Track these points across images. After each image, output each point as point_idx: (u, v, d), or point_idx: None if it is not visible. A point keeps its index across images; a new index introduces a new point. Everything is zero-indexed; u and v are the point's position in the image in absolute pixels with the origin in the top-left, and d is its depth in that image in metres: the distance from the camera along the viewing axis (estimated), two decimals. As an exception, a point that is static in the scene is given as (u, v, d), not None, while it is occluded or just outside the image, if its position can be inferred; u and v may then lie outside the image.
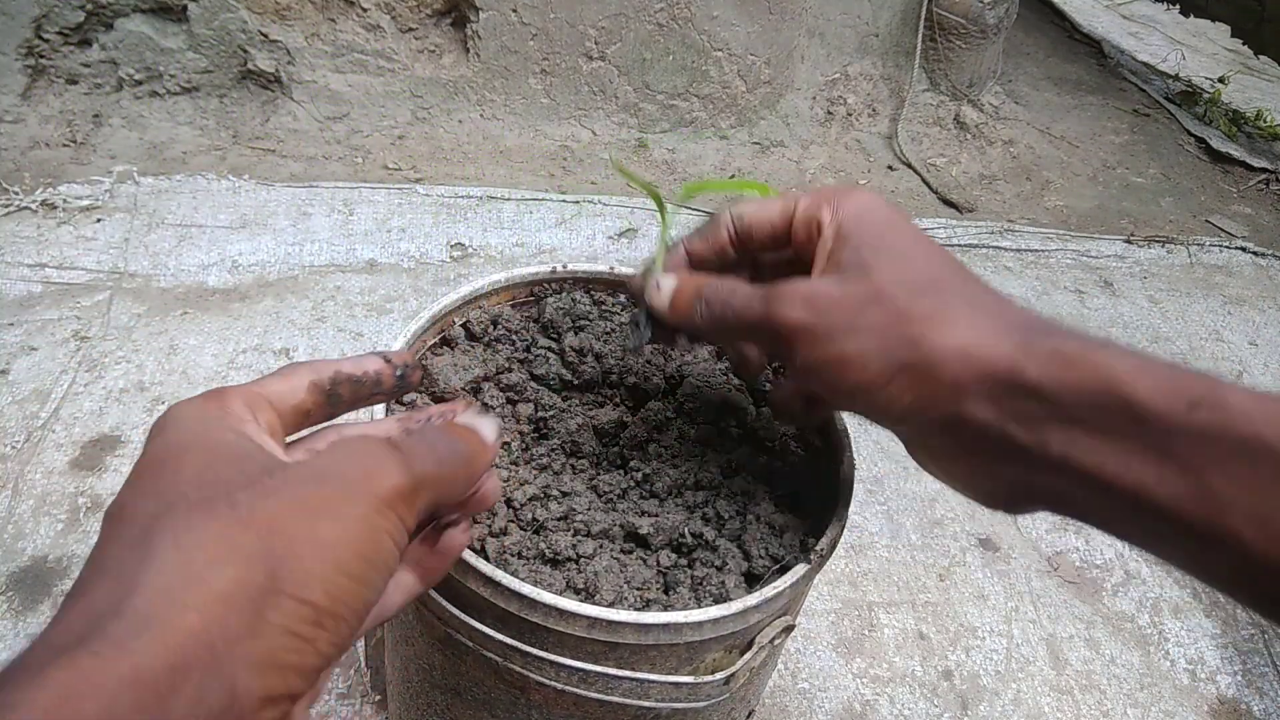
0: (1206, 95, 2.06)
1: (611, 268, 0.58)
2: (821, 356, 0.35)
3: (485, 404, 0.50)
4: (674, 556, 0.43)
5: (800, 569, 0.41)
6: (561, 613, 0.37)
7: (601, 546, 0.43)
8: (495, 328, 0.55)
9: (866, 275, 0.35)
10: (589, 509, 0.44)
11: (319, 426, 0.34)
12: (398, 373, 0.35)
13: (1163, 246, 1.49)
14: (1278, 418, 0.28)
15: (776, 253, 0.41)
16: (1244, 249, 1.51)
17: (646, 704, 0.40)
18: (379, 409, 0.43)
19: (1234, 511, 0.29)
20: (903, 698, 0.74)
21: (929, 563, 0.86)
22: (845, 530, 0.44)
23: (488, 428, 0.33)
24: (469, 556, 0.36)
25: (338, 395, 0.33)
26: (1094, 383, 0.30)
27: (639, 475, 0.47)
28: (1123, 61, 2.20)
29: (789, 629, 0.44)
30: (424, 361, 0.53)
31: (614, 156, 0.52)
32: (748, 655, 0.42)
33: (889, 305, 0.34)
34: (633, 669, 0.39)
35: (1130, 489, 0.30)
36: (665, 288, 0.41)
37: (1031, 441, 0.32)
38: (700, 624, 0.38)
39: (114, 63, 1.28)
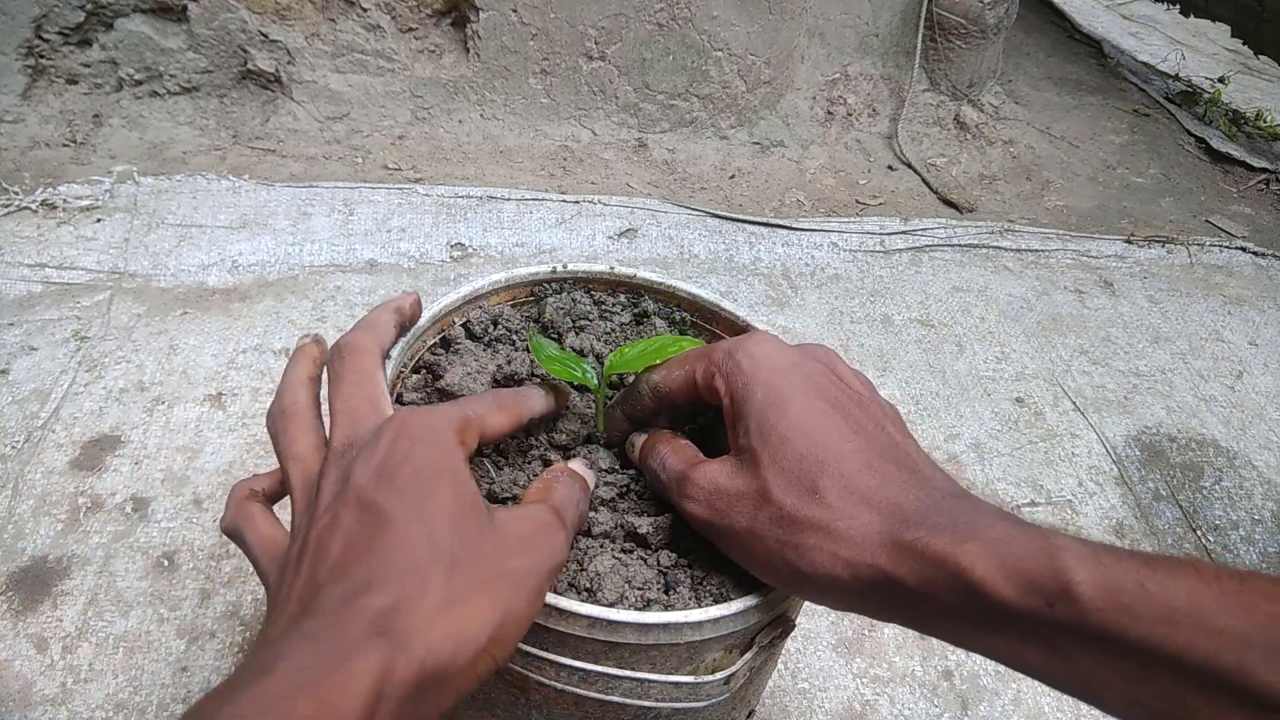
0: (1206, 95, 2.06)
1: (611, 268, 0.58)
2: (715, 540, 0.40)
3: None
4: (674, 556, 0.43)
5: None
6: (562, 612, 0.37)
7: (603, 547, 0.43)
8: (495, 328, 0.55)
9: (756, 468, 0.37)
10: (591, 509, 0.44)
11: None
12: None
13: (1163, 246, 1.49)
14: (1130, 604, 0.29)
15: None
16: (1244, 249, 1.51)
17: (646, 703, 0.41)
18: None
19: (1114, 697, 0.30)
20: (903, 698, 0.74)
21: (929, 563, 0.86)
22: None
23: (590, 476, 0.43)
24: None
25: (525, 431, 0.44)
26: (959, 586, 0.32)
27: (638, 474, 0.47)
28: (1123, 61, 2.20)
29: (789, 629, 0.44)
30: (429, 363, 0.53)
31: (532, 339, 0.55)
32: (748, 655, 0.42)
33: (773, 512, 0.37)
34: (633, 669, 0.39)
35: (1017, 663, 0.33)
36: (636, 443, 0.46)
37: (913, 621, 0.35)
38: (700, 624, 0.38)
39: (114, 63, 1.28)
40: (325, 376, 0.43)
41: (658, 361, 0.45)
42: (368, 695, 0.27)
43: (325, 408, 0.42)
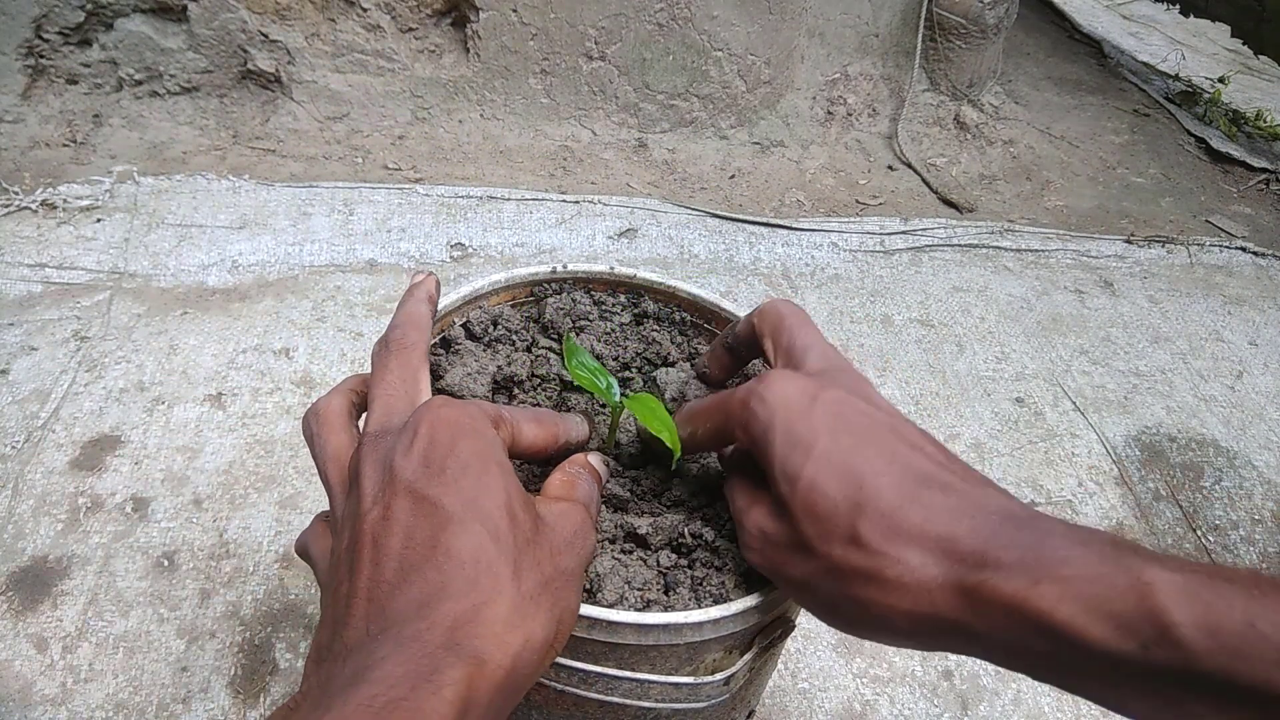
0: (1206, 95, 2.06)
1: (611, 268, 0.58)
2: (783, 590, 0.39)
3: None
4: (674, 557, 0.43)
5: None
6: (561, 613, 0.37)
7: (603, 548, 0.43)
8: (495, 328, 0.55)
9: (793, 519, 0.35)
10: None
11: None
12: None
13: (1163, 246, 1.49)
14: (1239, 646, 0.26)
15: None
16: (1244, 249, 1.51)
17: (646, 704, 0.40)
18: None
19: None
20: (903, 698, 0.74)
21: (929, 563, 0.86)
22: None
23: (604, 471, 0.43)
24: None
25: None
26: (1041, 631, 0.29)
27: (638, 474, 0.47)
28: (1123, 61, 2.20)
29: (789, 629, 0.44)
30: (429, 363, 0.53)
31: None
32: (747, 655, 0.42)
33: (820, 564, 0.34)
34: (633, 669, 0.39)
35: (1120, 709, 0.30)
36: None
37: (999, 661, 0.32)
38: (700, 624, 0.38)
39: (114, 63, 1.28)
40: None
41: (657, 424, 0.42)
42: (456, 707, 0.27)
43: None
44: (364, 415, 0.40)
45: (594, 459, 0.41)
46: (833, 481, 0.34)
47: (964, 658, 0.78)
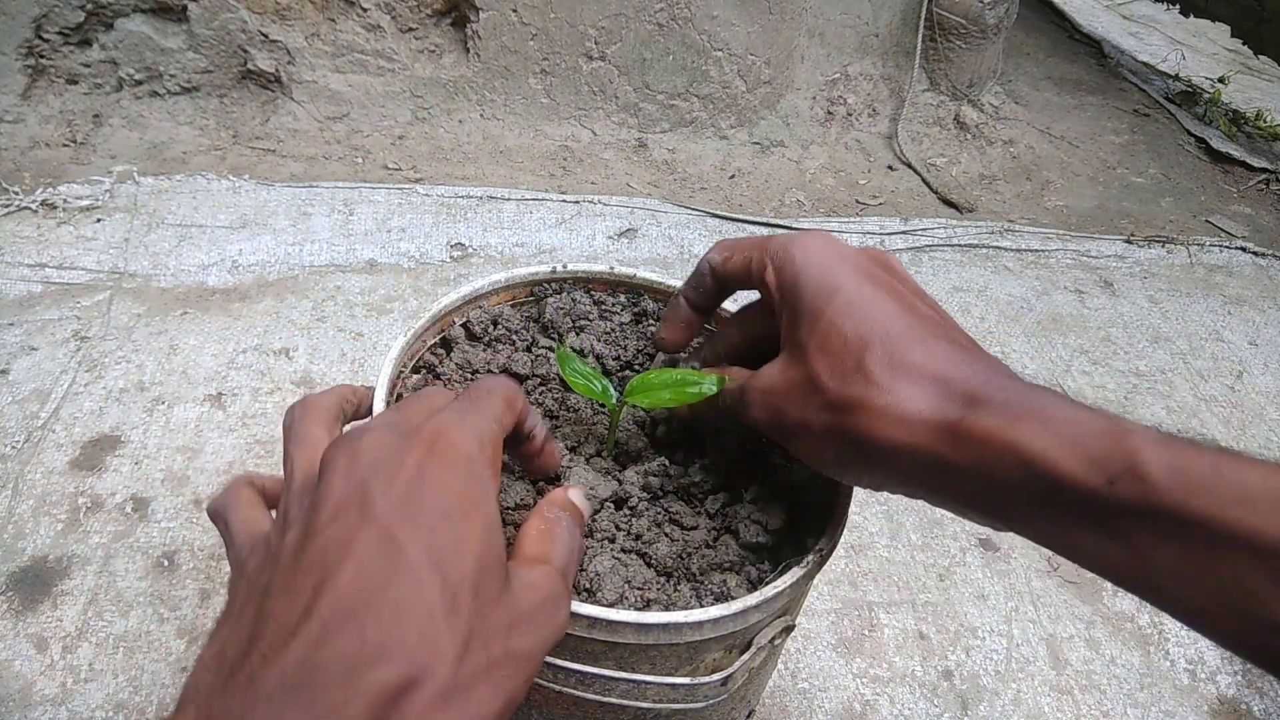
0: (1206, 95, 2.06)
1: (611, 268, 0.58)
2: (782, 440, 0.40)
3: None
4: (674, 556, 0.43)
5: (800, 569, 0.41)
6: (561, 613, 0.37)
7: (603, 547, 0.43)
8: (495, 328, 0.55)
9: (804, 357, 0.37)
10: (593, 513, 0.44)
11: None
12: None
13: (1163, 246, 1.49)
14: (1201, 486, 0.27)
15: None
16: (1244, 249, 1.51)
17: (644, 704, 0.41)
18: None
19: (1170, 583, 0.29)
20: (903, 698, 0.74)
21: (929, 563, 0.86)
22: (845, 530, 0.44)
23: (588, 509, 0.39)
24: None
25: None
26: (1015, 464, 0.31)
27: (638, 474, 0.47)
28: (1123, 61, 2.20)
29: (789, 629, 0.44)
30: (429, 363, 0.53)
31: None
32: (746, 655, 0.42)
33: (821, 399, 0.36)
34: (632, 669, 0.39)
35: (1069, 549, 0.32)
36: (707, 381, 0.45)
37: (963, 502, 0.34)
38: (700, 624, 0.38)
39: (114, 63, 1.28)
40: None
41: (669, 397, 0.44)
42: None
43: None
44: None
45: (575, 496, 0.38)
46: (850, 322, 0.36)
47: (963, 658, 0.78)
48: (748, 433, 0.49)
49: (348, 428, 0.37)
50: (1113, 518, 0.29)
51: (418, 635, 0.26)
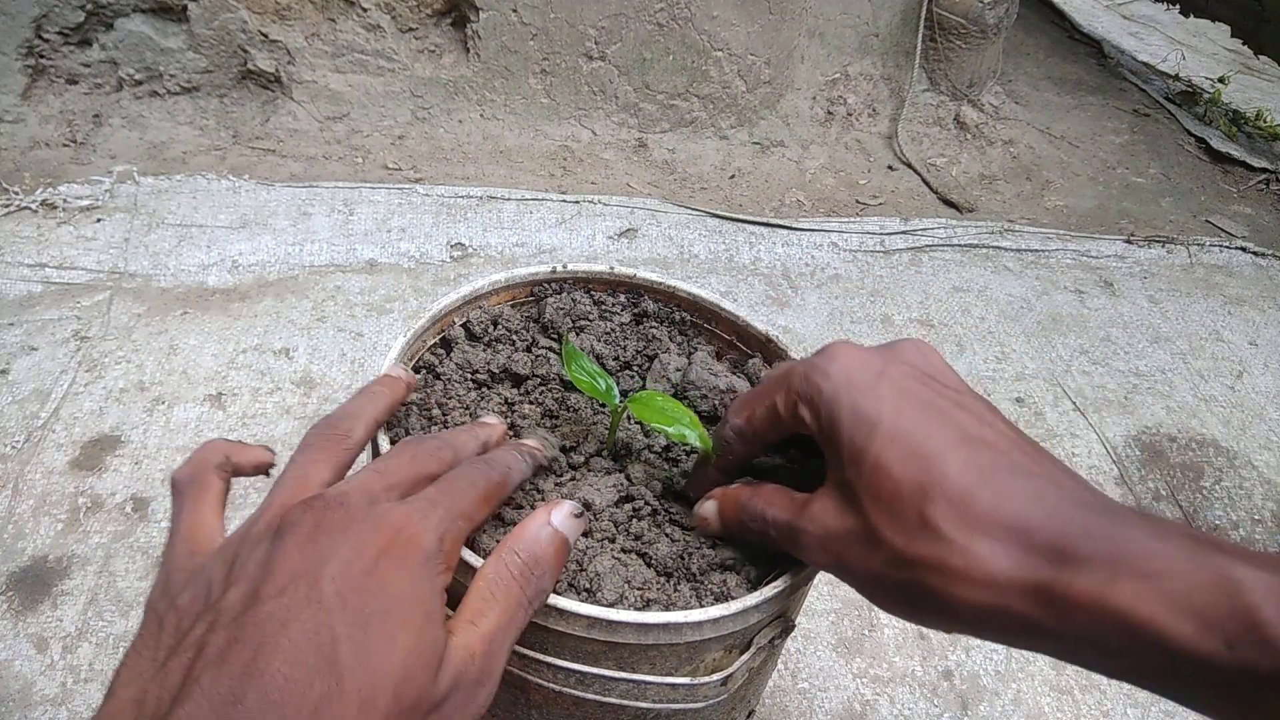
0: (1206, 95, 2.06)
1: (611, 268, 0.58)
2: (849, 583, 0.36)
3: (486, 404, 0.50)
4: (674, 556, 0.43)
5: (800, 569, 0.41)
6: (562, 613, 0.37)
7: (603, 547, 0.43)
8: (495, 328, 0.55)
9: (857, 504, 0.33)
10: (593, 515, 0.44)
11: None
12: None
13: (1163, 246, 1.49)
14: None
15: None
16: (1244, 249, 1.51)
17: (644, 705, 0.40)
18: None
19: None
20: (903, 698, 0.74)
21: (929, 563, 0.86)
22: (845, 530, 0.44)
23: (579, 526, 0.39)
24: (469, 557, 0.36)
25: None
26: (1119, 629, 0.27)
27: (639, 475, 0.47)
28: (1123, 61, 2.20)
29: (789, 629, 0.44)
30: (429, 363, 0.53)
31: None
32: (746, 655, 0.42)
33: (887, 554, 0.32)
34: (632, 669, 0.39)
35: (1185, 703, 0.28)
36: (709, 513, 0.41)
37: (1059, 654, 0.30)
38: (700, 624, 0.38)
39: (114, 63, 1.28)
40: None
41: (675, 432, 0.42)
42: None
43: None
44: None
45: (559, 520, 0.36)
46: (900, 464, 0.32)
47: (963, 658, 0.78)
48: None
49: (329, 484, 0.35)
50: (1236, 682, 0.26)
51: None
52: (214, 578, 0.30)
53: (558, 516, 0.36)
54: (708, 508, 0.41)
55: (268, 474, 0.38)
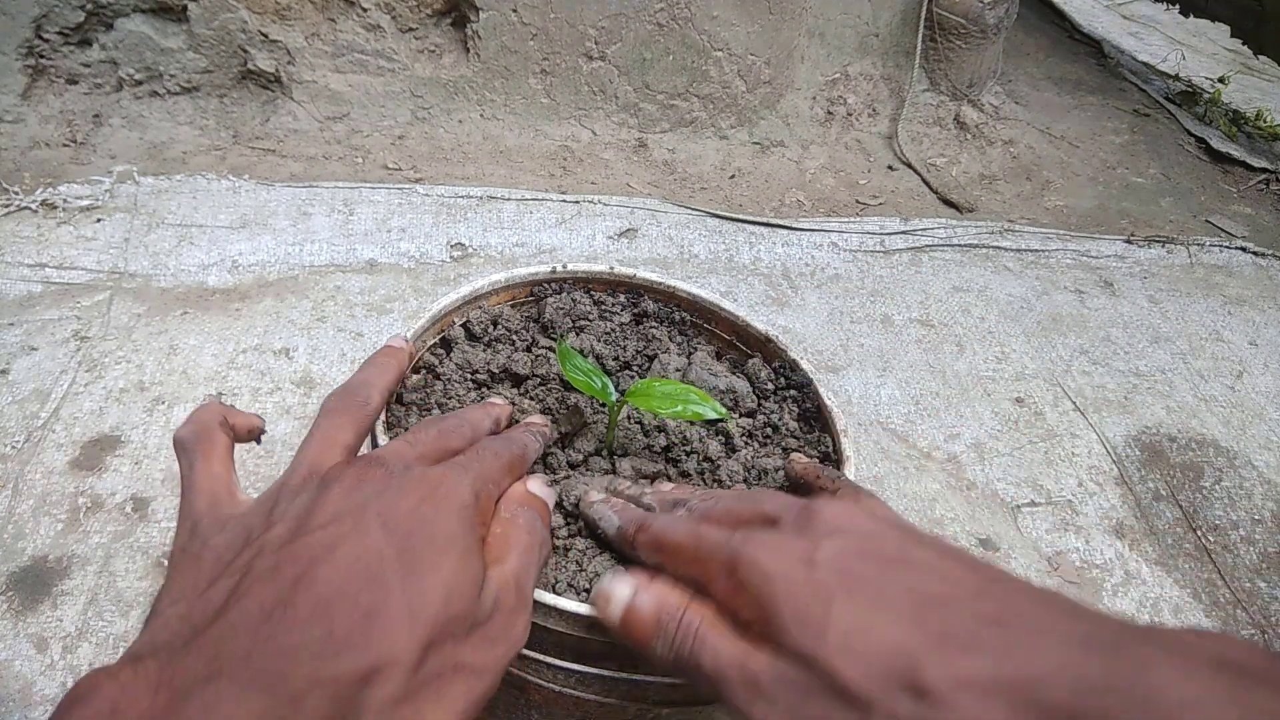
0: (1206, 95, 2.06)
1: (611, 268, 0.58)
2: None
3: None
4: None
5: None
6: (562, 613, 0.37)
7: (601, 548, 0.43)
8: (495, 328, 0.55)
9: (827, 668, 0.29)
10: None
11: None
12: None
13: (1163, 246, 1.49)
14: None
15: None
16: (1244, 249, 1.51)
17: (644, 704, 0.40)
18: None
19: None
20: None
21: (929, 563, 0.86)
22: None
23: (550, 495, 0.41)
24: None
25: None
26: None
27: (640, 475, 0.47)
28: (1123, 61, 2.20)
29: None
30: (429, 363, 0.53)
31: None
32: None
33: (872, 715, 0.28)
34: (632, 670, 0.39)
35: None
36: (616, 598, 0.35)
37: None
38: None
39: (114, 63, 1.28)
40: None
41: (676, 410, 0.43)
42: None
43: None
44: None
45: (535, 487, 0.39)
46: (871, 635, 0.29)
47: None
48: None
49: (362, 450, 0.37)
50: None
51: (382, 635, 0.27)
52: (253, 521, 0.31)
53: (534, 484, 0.39)
54: (618, 590, 0.35)
55: (258, 441, 0.40)
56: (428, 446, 0.36)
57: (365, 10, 1.34)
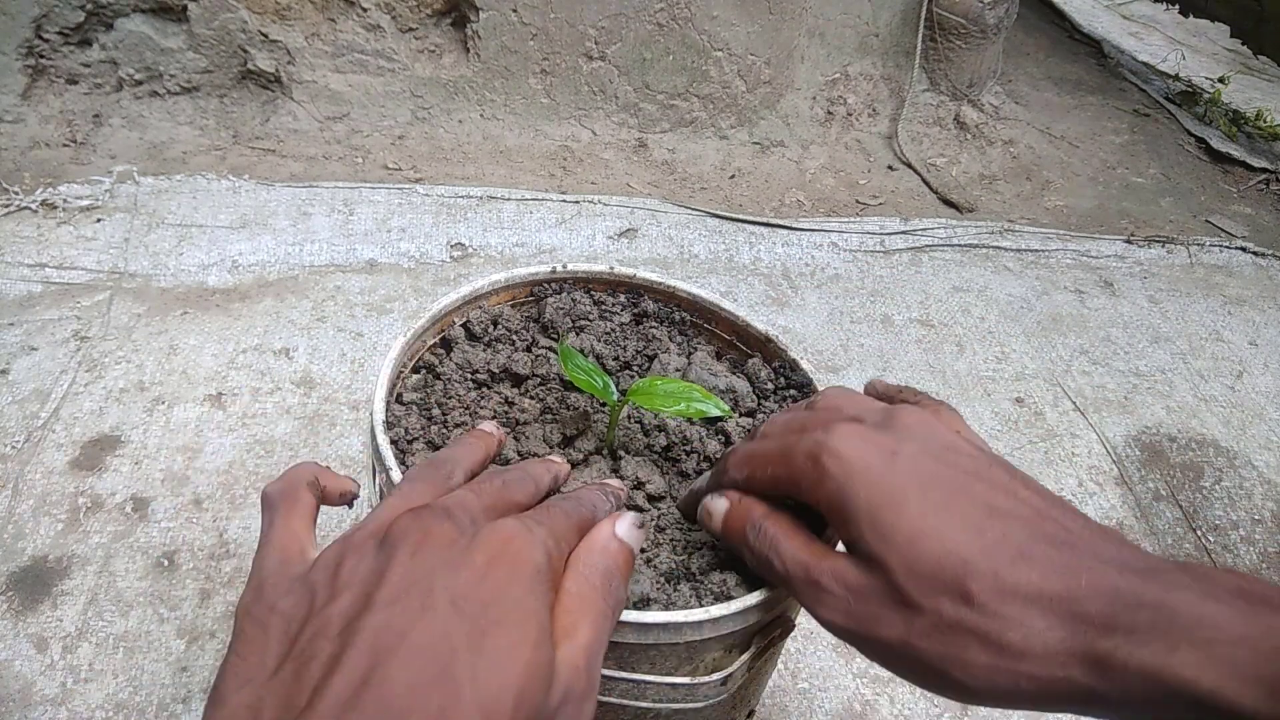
0: (1206, 95, 2.06)
1: (611, 268, 0.58)
2: (868, 654, 0.35)
3: (485, 404, 0.50)
4: (674, 556, 0.43)
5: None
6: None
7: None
8: (495, 328, 0.55)
9: (889, 573, 0.32)
10: None
11: None
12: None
13: (1163, 246, 1.49)
14: None
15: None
16: (1244, 249, 1.51)
17: (644, 704, 0.40)
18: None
19: None
20: (903, 698, 0.74)
21: (929, 563, 0.86)
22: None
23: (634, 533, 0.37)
24: None
25: None
26: (1180, 699, 0.27)
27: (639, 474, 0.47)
28: (1123, 61, 2.20)
29: (789, 629, 0.44)
30: (429, 363, 0.53)
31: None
32: (746, 655, 0.42)
33: (928, 621, 0.31)
34: (632, 669, 0.39)
35: None
36: (715, 511, 0.40)
37: (1106, 714, 0.30)
38: (700, 623, 0.38)
39: (114, 63, 1.28)
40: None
41: (679, 408, 0.42)
42: None
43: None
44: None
45: (623, 530, 0.35)
46: (935, 540, 0.31)
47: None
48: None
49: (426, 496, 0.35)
50: None
51: None
52: (318, 583, 0.30)
53: (621, 527, 0.36)
54: (717, 505, 0.40)
55: (350, 505, 0.39)
56: (494, 498, 0.35)
57: (365, 10, 1.34)
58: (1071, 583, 0.30)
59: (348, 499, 0.38)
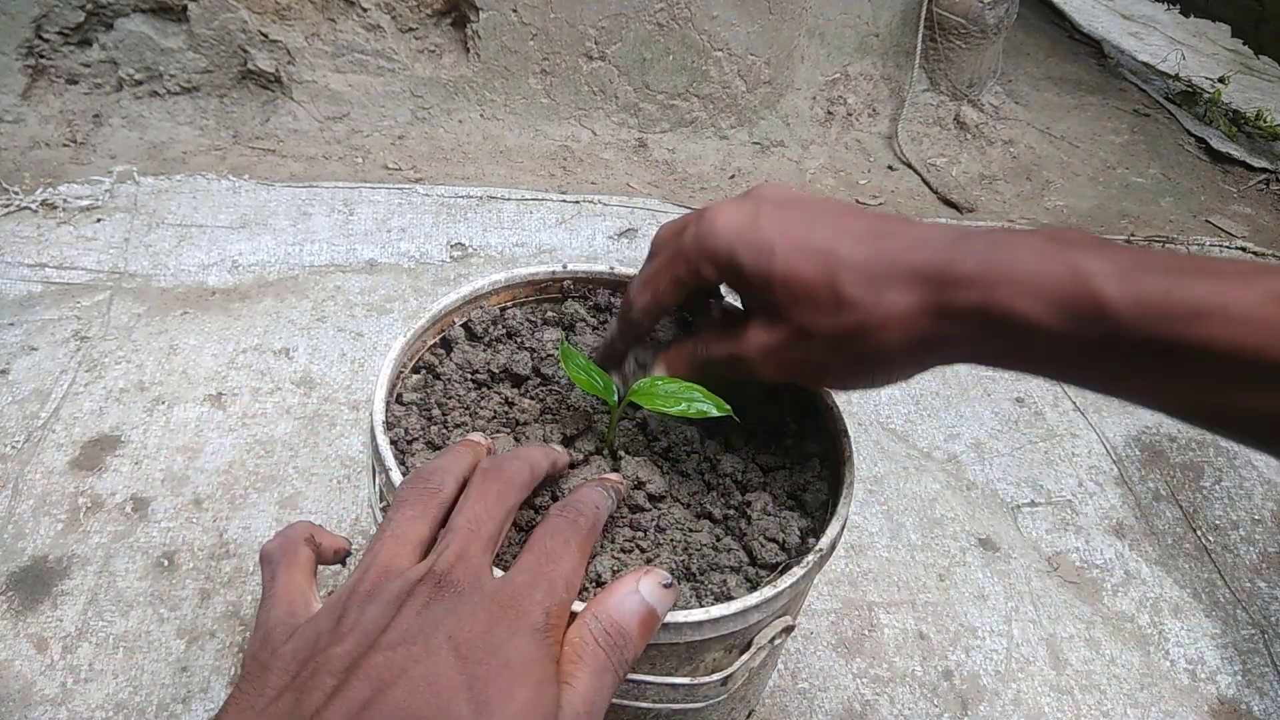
0: (1206, 95, 2.06)
1: (611, 268, 0.58)
2: (803, 382, 0.44)
3: (485, 404, 0.50)
4: (673, 556, 0.43)
5: (800, 569, 0.41)
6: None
7: (602, 546, 0.43)
8: (495, 327, 0.55)
9: (783, 314, 0.39)
10: None
11: None
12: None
13: (1163, 246, 1.49)
14: (1159, 309, 0.31)
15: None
16: (1244, 249, 1.51)
17: (644, 704, 0.40)
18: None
19: (1159, 399, 0.33)
20: (903, 698, 0.74)
21: (929, 563, 0.86)
22: (845, 530, 0.44)
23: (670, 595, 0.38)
24: None
25: None
26: (1006, 328, 0.34)
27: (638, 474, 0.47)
28: (1123, 61, 2.20)
29: (789, 629, 0.44)
30: (429, 363, 0.53)
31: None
32: (745, 655, 0.42)
33: (821, 341, 0.39)
34: (631, 669, 0.39)
35: (1078, 383, 0.36)
36: (653, 368, 0.47)
37: (978, 361, 0.37)
38: (700, 624, 0.38)
39: (114, 63, 1.28)
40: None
41: (679, 409, 0.43)
42: None
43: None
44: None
45: (647, 590, 0.35)
46: (803, 264, 0.38)
47: (963, 658, 0.78)
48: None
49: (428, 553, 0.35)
50: (1090, 350, 0.33)
51: None
52: (321, 629, 0.30)
53: (646, 586, 0.35)
54: (658, 371, 0.47)
55: (343, 564, 0.39)
56: (491, 524, 0.35)
57: (365, 10, 1.34)
58: (913, 257, 0.37)
59: (341, 557, 0.39)
